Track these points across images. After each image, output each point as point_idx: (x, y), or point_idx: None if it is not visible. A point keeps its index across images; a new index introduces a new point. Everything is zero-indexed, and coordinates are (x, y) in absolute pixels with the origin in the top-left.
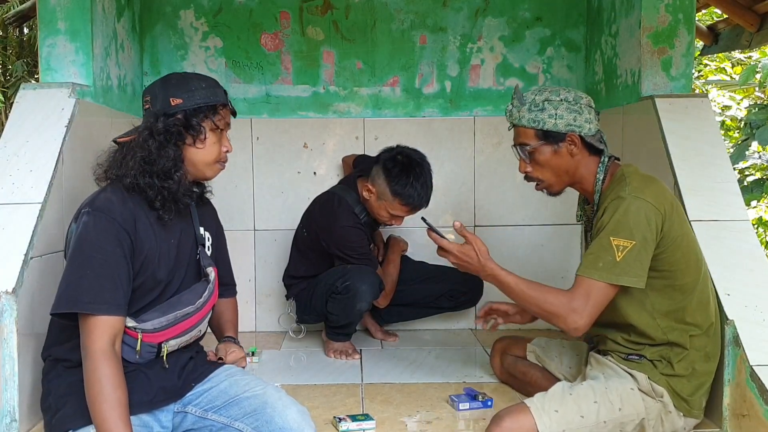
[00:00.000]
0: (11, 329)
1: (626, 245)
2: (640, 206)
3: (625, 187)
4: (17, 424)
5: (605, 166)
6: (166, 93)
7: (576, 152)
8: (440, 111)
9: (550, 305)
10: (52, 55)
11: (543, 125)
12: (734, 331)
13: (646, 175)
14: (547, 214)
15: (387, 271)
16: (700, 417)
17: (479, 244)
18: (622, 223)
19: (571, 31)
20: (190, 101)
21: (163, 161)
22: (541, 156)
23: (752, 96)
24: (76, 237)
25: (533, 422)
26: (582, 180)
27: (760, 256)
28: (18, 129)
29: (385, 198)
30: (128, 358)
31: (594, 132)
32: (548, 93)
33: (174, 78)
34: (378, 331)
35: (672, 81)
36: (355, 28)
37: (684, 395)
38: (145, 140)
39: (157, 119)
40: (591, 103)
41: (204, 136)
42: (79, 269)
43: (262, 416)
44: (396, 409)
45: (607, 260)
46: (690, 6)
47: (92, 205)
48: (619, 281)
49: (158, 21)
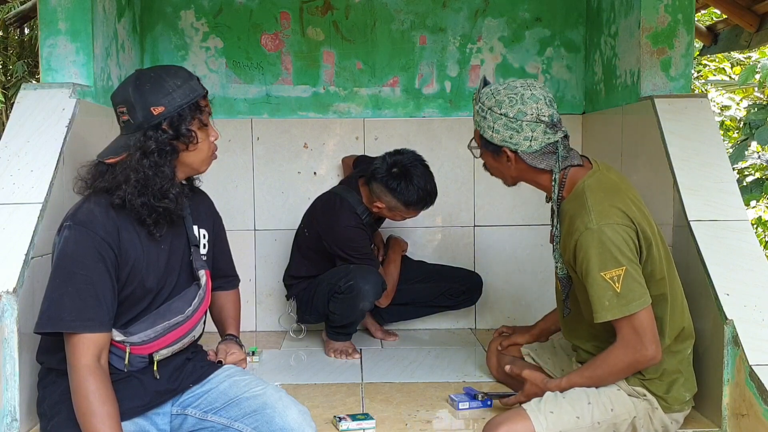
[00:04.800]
0: (12, 329)
1: (619, 273)
2: (612, 232)
3: (589, 214)
4: (18, 423)
5: (557, 182)
6: (145, 102)
7: (513, 164)
8: (440, 111)
9: (622, 363)
10: (53, 56)
11: (482, 132)
12: (733, 331)
13: (607, 187)
14: (546, 214)
15: (388, 270)
16: (685, 409)
17: (533, 377)
18: (603, 255)
19: (570, 31)
20: (171, 105)
21: (159, 181)
22: (484, 156)
23: (751, 96)
24: (57, 252)
25: (530, 426)
26: (534, 185)
27: (759, 256)
28: (19, 129)
29: (398, 209)
30: (119, 367)
31: (537, 148)
32: (495, 100)
33: (146, 82)
34: (378, 331)
35: (671, 81)
36: (355, 29)
37: (659, 393)
38: (138, 161)
39: (145, 135)
40: (541, 118)
41: (196, 140)
42: (61, 286)
43: (262, 417)
44: (396, 408)
45: (609, 296)
46: (689, 6)
47: (74, 218)
48: (629, 310)
49: (159, 21)
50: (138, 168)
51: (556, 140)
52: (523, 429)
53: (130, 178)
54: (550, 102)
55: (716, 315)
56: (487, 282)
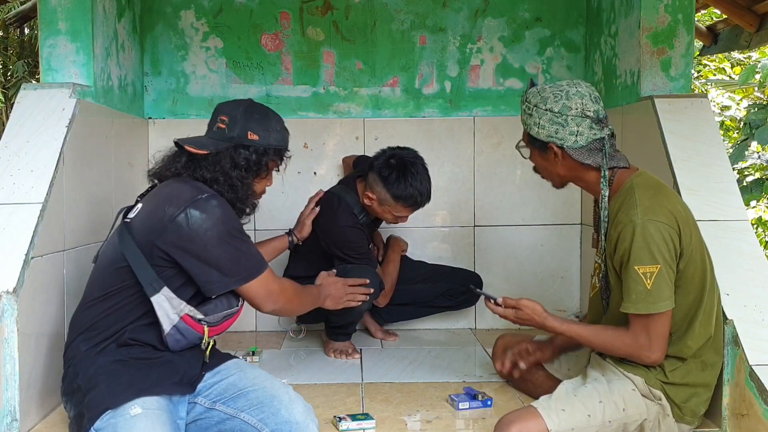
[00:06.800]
0: (12, 329)
1: (653, 270)
2: (655, 229)
3: (636, 208)
4: (18, 423)
5: (606, 179)
6: (247, 124)
7: (560, 161)
8: (440, 111)
9: (620, 349)
10: (53, 56)
11: (529, 129)
12: (733, 331)
13: (655, 186)
14: (547, 214)
15: (387, 270)
16: (695, 423)
17: (532, 306)
18: (642, 250)
19: (570, 31)
20: (264, 140)
21: (241, 189)
22: (533, 156)
23: (752, 96)
24: (215, 220)
25: (542, 423)
26: (582, 184)
27: (759, 256)
28: (19, 129)
29: (387, 203)
30: (172, 346)
31: (584, 143)
32: (540, 97)
33: (257, 112)
34: (378, 331)
35: (671, 81)
36: (355, 29)
37: (677, 401)
38: (229, 170)
39: (235, 148)
40: (586, 113)
41: (266, 176)
42: (242, 243)
43: (269, 408)
44: (396, 408)
45: (639, 291)
46: (689, 6)
47: (206, 192)
48: (656, 309)
49: (159, 21)
50: (228, 174)
51: (602, 136)
52: (535, 427)
53: (219, 180)
54: (596, 99)
55: None
56: (487, 282)
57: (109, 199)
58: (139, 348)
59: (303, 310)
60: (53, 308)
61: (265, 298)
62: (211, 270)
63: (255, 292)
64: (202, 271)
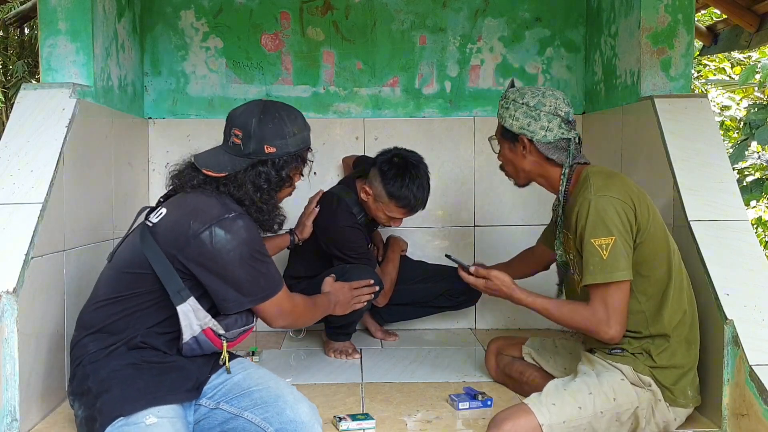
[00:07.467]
0: (12, 329)
1: (608, 242)
2: (607, 203)
3: (589, 188)
4: (18, 423)
5: (566, 176)
6: (262, 137)
7: (527, 155)
8: (440, 111)
9: (579, 323)
10: (53, 56)
11: (503, 122)
12: (733, 331)
13: (610, 172)
14: (546, 214)
15: (386, 270)
16: (688, 406)
17: (501, 277)
18: (596, 223)
19: (570, 31)
20: (282, 150)
21: (269, 209)
22: (502, 149)
23: (752, 96)
24: (239, 240)
25: (534, 419)
26: (543, 181)
27: (759, 256)
28: (19, 129)
29: (381, 200)
30: (185, 353)
31: (551, 140)
32: (519, 93)
33: (271, 119)
34: (378, 331)
35: (671, 81)
36: (355, 29)
37: (666, 384)
38: (253, 194)
39: (254, 167)
40: (558, 112)
41: (290, 184)
42: (262, 265)
43: (273, 408)
44: (396, 408)
45: (595, 262)
46: (689, 6)
47: (233, 211)
48: (612, 277)
49: (159, 21)
50: (252, 197)
51: (569, 137)
52: (527, 423)
53: (244, 203)
54: (568, 103)
55: (716, 315)
56: None
57: (108, 199)
58: (151, 351)
59: (313, 322)
60: (53, 308)
61: (276, 316)
62: (228, 289)
63: (268, 310)
64: (219, 288)
